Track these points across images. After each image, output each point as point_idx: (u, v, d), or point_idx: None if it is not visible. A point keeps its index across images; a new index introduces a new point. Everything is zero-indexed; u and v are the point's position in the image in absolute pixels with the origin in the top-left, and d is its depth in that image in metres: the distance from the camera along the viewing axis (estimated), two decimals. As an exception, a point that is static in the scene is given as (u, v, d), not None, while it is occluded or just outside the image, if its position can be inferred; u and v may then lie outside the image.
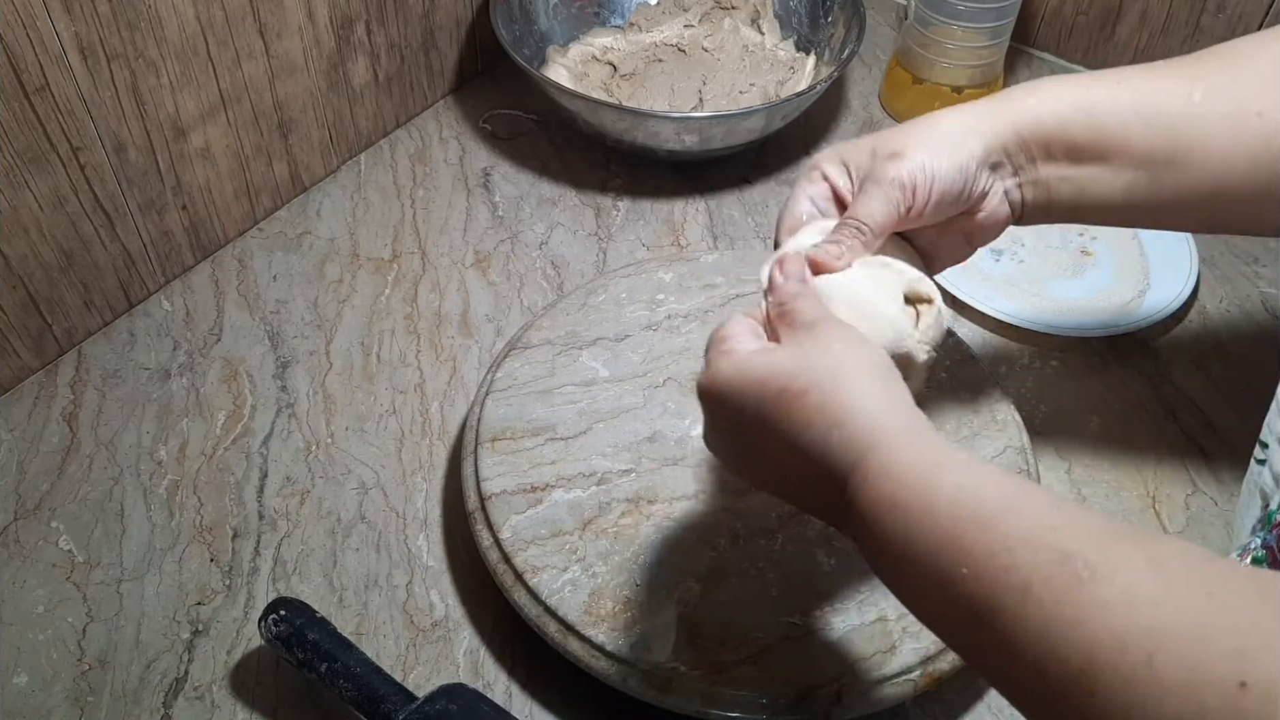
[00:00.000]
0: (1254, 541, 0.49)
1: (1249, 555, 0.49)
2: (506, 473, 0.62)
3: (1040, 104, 0.54)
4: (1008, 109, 0.54)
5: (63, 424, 0.71)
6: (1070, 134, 0.53)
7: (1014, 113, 0.54)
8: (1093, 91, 0.54)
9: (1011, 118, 0.54)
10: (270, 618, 0.56)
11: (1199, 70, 0.54)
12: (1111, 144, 0.53)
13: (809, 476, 0.43)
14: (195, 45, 0.73)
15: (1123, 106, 0.53)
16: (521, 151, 0.94)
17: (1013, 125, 0.54)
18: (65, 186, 0.70)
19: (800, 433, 0.43)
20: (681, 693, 0.54)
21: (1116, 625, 0.32)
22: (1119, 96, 0.54)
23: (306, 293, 0.81)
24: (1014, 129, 0.54)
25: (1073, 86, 0.55)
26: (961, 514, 0.38)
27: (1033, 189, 0.55)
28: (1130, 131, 0.53)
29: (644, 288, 0.73)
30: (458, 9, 0.94)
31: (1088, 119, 0.53)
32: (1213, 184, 0.53)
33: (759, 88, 0.95)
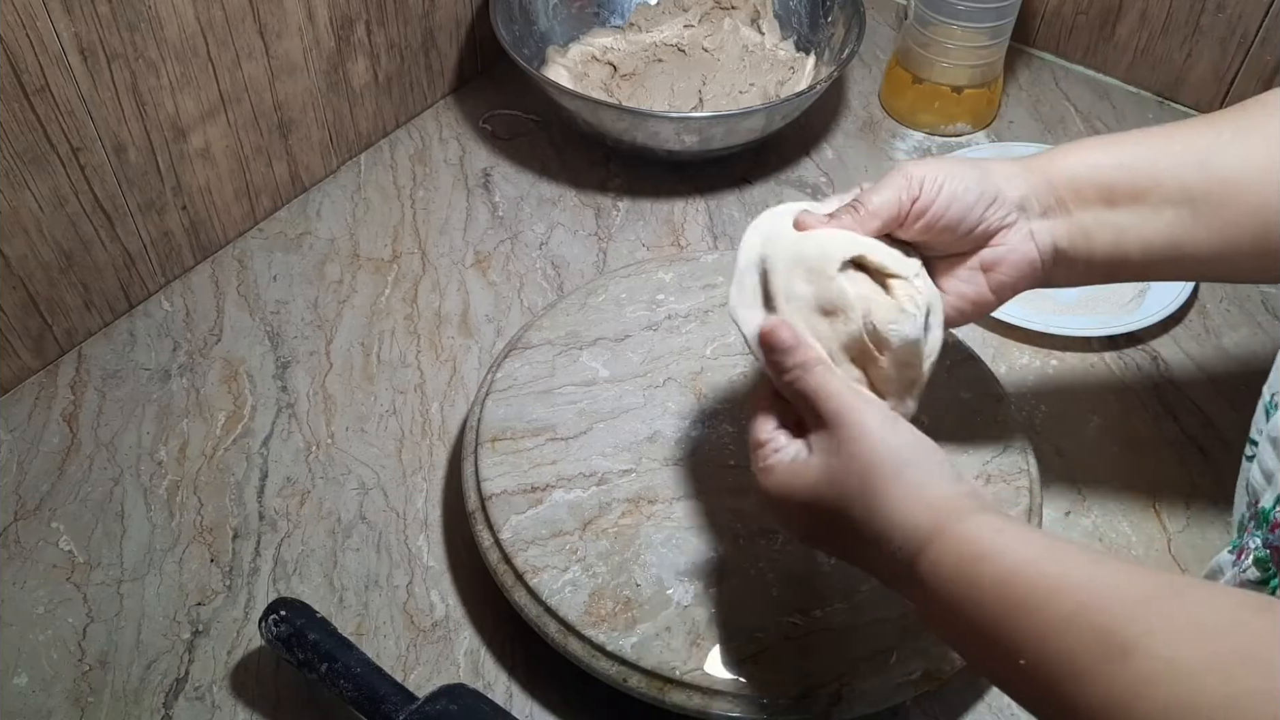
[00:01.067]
0: (1253, 541, 0.49)
1: (1249, 554, 0.49)
2: (507, 473, 0.62)
3: (1069, 156, 0.55)
4: (1039, 160, 0.56)
5: (63, 424, 0.71)
6: (1101, 177, 0.54)
7: (1045, 162, 0.56)
8: (1120, 143, 0.55)
9: (1042, 164, 0.55)
10: (270, 618, 0.56)
11: (1222, 120, 0.55)
12: (1144, 182, 0.54)
13: (873, 569, 0.48)
14: (195, 45, 0.73)
15: (1152, 148, 0.54)
16: (521, 151, 0.94)
17: (1043, 171, 0.55)
18: (65, 187, 0.70)
19: (852, 543, 0.48)
20: (681, 693, 0.54)
21: (1159, 701, 0.34)
22: (1146, 142, 0.55)
23: (306, 293, 0.81)
24: (1044, 174, 0.55)
25: (1099, 144, 0.56)
26: (1007, 606, 0.40)
27: (1068, 234, 0.55)
28: (1161, 169, 0.54)
29: (644, 288, 0.73)
30: (458, 9, 0.94)
31: (1117, 161, 0.54)
32: (1257, 218, 0.53)
33: (759, 88, 0.95)
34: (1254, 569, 0.49)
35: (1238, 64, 0.95)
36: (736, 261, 0.54)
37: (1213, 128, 0.54)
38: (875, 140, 0.96)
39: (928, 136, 0.96)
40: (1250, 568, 0.49)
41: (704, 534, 0.60)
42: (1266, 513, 0.49)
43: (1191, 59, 0.97)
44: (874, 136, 0.96)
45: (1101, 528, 0.68)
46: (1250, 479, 0.50)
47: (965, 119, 0.96)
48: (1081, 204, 0.54)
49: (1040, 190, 0.55)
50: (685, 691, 0.54)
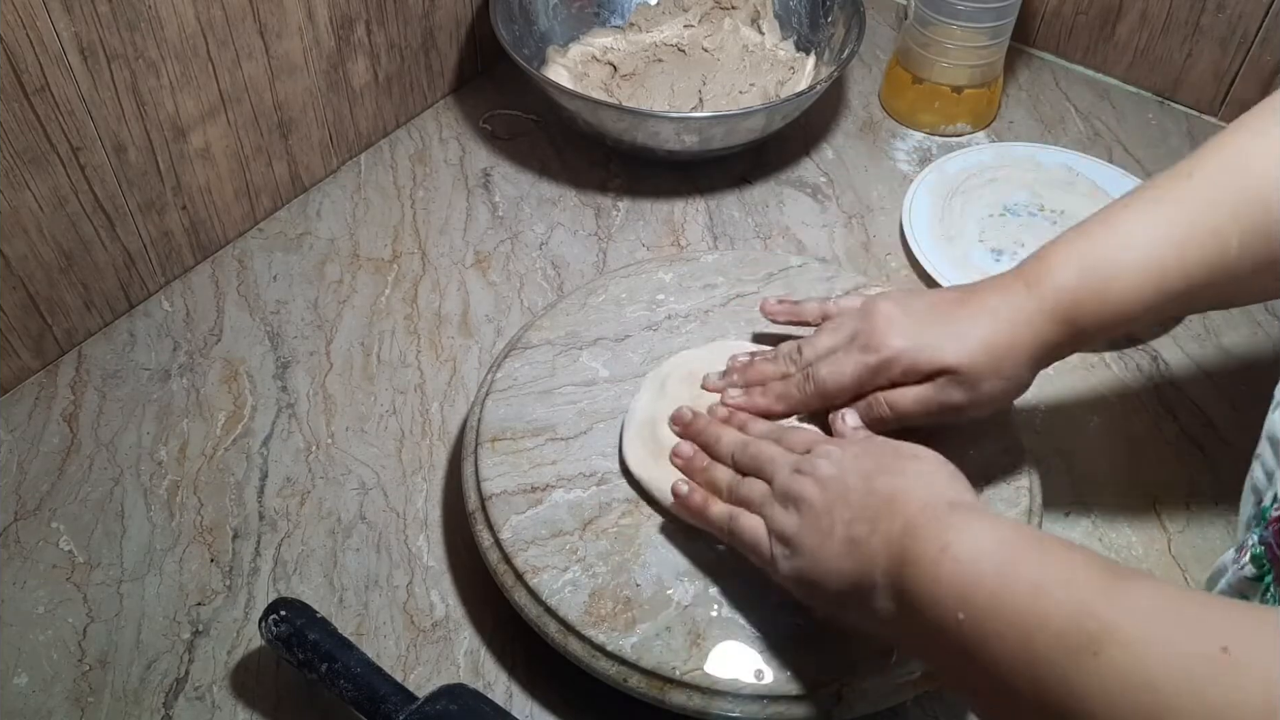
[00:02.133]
0: (1250, 538, 0.49)
1: (1247, 552, 0.49)
2: (507, 473, 0.62)
3: (1065, 273, 0.55)
4: (1041, 292, 0.55)
5: (63, 424, 0.71)
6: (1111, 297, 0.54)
7: (1049, 295, 0.55)
8: (1107, 253, 0.54)
9: (1050, 303, 0.55)
10: (270, 618, 0.56)
11: (1220, 204, 0.53)
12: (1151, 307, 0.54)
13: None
14: (195, 45, 0.73)
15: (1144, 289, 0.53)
16: (521, 151, 0.94)
17: (1052, 313, 0.55)
18: (65, 187, 0.70)
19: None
20: (681, 693, 0.54)
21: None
22: (1132, 264, 0.53)
23: (306, 293, 0.81)
24: (1053, 317, 0.55)
25: (1084, 245, 0.55)
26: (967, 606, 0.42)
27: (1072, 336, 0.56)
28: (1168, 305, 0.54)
29: (644, 288, 0.73)
30: (458, 9, 0.94)
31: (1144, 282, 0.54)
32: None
33: (759, 88, 0.95)
34: (1250, 566, 0.49)
35: (1238, 64, 0.95)
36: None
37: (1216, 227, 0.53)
38: (875, 140, 0.96)
39: (928, 136, 0.96)
40: (1247, 564, 0.49)
41: (704, 534, 0.60)
42: (1265, 511, 0.49)
43: (1191, 59, 0.97)
44: (874, 136, 0.96)
45: (1101, 528, 0.68)
46: (1254, 479, 0.50)
47: (965, 119, 0.96)
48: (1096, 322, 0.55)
49: (1060, 338, 0.55)
50: (685, 691, 0.54)
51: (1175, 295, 0.53)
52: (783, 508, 0.52)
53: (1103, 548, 0.67)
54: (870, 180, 0.92)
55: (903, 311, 0.58)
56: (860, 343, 0.58)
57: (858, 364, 0.58)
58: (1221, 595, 0.50)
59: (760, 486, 0.55)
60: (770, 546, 0.53)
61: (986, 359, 0.55)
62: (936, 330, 0.56)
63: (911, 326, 0.57)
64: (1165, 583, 0.39)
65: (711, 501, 0.57)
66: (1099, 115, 0.99)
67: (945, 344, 0.55)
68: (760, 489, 0.55)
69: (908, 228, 0.85)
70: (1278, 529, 0.47)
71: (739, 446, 0.58)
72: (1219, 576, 0.52)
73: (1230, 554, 0.51)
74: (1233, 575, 0.50)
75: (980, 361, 0.55)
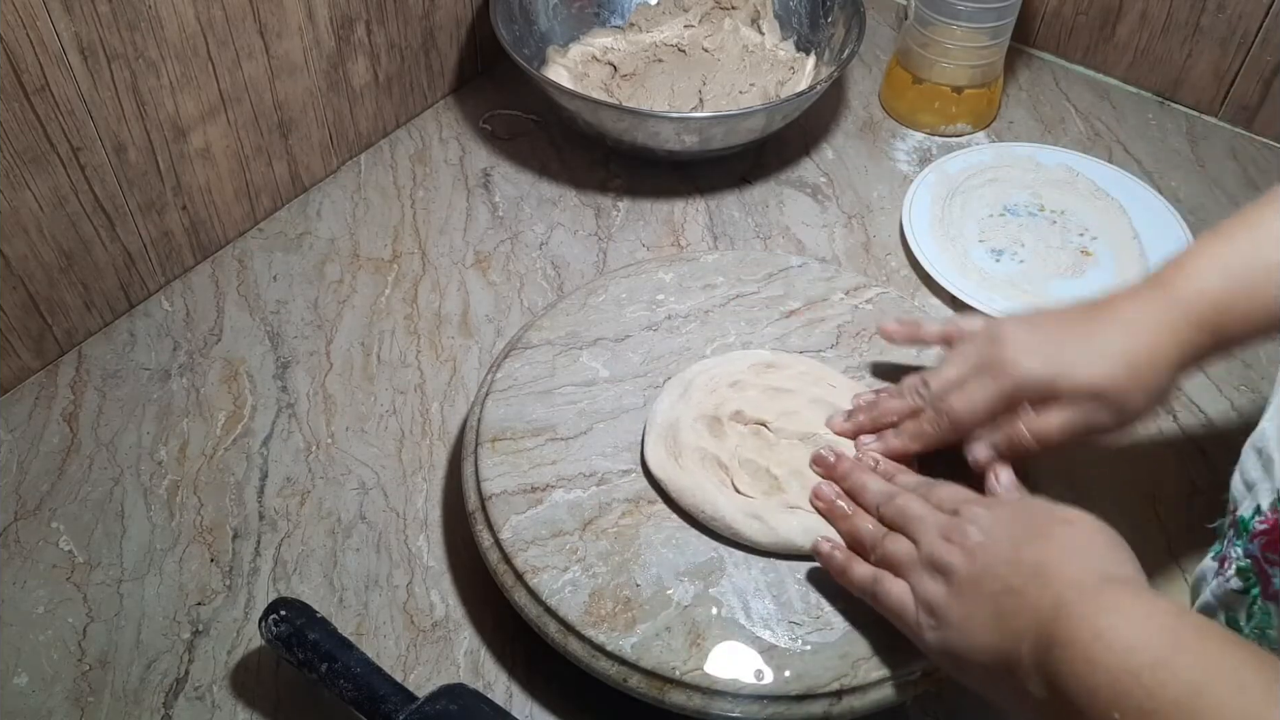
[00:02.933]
0: (1234, 550, 0.48)
1: (1231, 564, 0.49)
2: (507, 473, 0.62)
3: (1207, 277, 0.53)
4: (1181, 297, 0.53)
5: (63, 424, 0.71)
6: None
7: (1191, 300, 0.52)
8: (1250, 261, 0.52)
9: (1193, 308, 0.52)
10: (270, 618, 0.56)
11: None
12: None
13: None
14: (195, 45, 0.73)
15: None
16: (521, 151, 0.94)
17: (1197, 320, 0.52)
18: (65, 187, 0.70)
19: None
20: (681, 693, 0.54)
21: None
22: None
23: (306, 293, 0.81)
24: (1197, 323, 0.52)
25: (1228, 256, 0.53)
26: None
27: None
28: None
29: (644, 288, 0.73)
30: (458, 9, 0.94)
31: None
32: None
33: (759, 88, 0.95)
34: (1236, 579, 0.48)
35: (1238, 64, 0.95)
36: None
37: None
38: (875, 140, 0.96)
39: (928, 136, 0.96)
40: (1233, 577, 0.49)
41: (704, 534, 0.60)
42: (1245, 522, 0.48)
43: (1192, 59, 0.97)
44: (874, 136, 0.96)
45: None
46: (1233, 485, 0.50)
47: (965, 119, 0.96)
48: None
49: (1203, 344, 0.53)
50: (685, 691, 0.54)
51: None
52: (930, 575, 0.50)
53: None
54: (870, 180, 0.92)
55: (1030, 331, 0.55)
56: (991, 370, 0.55)
57: (990, 392, 0.55)
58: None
59: (906, 547, 0.52)
60: (916, 615, 0.50)
61: (1129, 374, 0.52)
62: (1071, 348, 0.53)
63: (1043, 346, 0.54)
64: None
65: (855, 563, 0.54)
66: (1099, 115, 0.99)
67: (1082, 362, 0.53)
68: (906, 550, 0.52)
69: (908, 228, 0.85)
70: (1263, 542, 0.46)
71: (885, 498, 0.55)
72: (1200, 584, 0.51)
73: (1210, 563, 0.50)
74: (1217, 587, 0.49)
75: (1122, 377, 0.52)
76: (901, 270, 0.84)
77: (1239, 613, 0.48)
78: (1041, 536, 0.48)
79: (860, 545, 0.55)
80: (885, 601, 0.52)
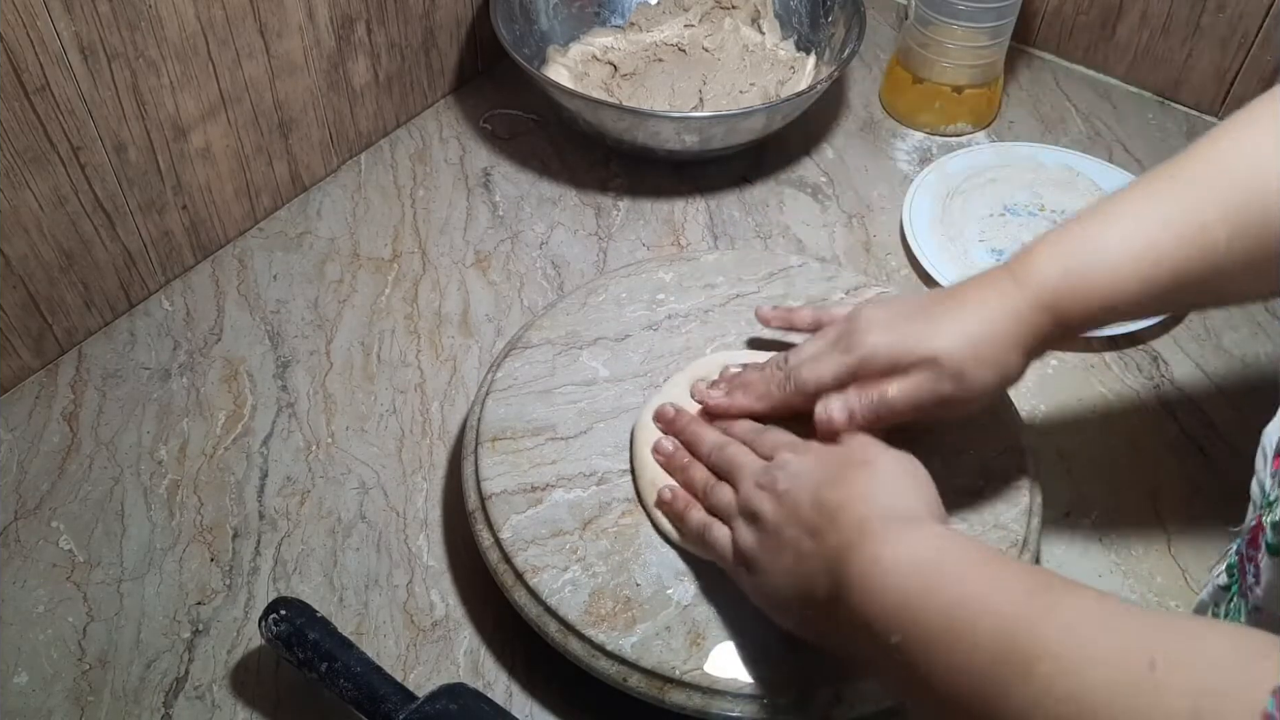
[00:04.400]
0: (1231, 547, 0.49)
1: (1224, 560, 0.49)
2: (507, 472, 0.62)
3: (1049, 263, 0.54)
4: (1023, 280, 0.54)
5: (63, 424, 0.71)
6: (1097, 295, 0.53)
7: (1031, 284, 0.54)
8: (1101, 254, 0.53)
9: (1032, 291, 0.54)
10: (270, 617, 0.56)
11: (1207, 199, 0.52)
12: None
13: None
14: (195, 45, 0.73)
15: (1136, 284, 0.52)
16: (521, 151, 0.94)
17: (1035, 301, 0.54)
18: (65, 186, 0.70)
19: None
20: (681, 693, 0.54)
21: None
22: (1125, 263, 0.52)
23: (307, 292, 0.81)
24: (1036, 305, 0.54)
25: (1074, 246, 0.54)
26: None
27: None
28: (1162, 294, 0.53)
29: (644, 288, 0.73)
30: (458, 9, 0.94)
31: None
32: None
33: (759, 87, 0.95)
34: (1224, 575, 0.49)
35: (1238, 64, 0.95)
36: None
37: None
38: (875, 140, 0.96)
39: (928, 136, 0.96)
40: (1221, 573, 0.49)
41: (704, 534, 0.60)
42: (1249, 524, 0.48)
43: (1192, 59, 0.97)
44: (874, 136, 0.96)
45: (1101, 528, 0.68)
46: (1251, 491, 0.50)
47: (965, 119, 0.96)
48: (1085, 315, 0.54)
49: (1048, 331, 0.54)
50: (685, 691, 0.54)
51: (1162, 288, 0.52)
52: (746, 522, 0.53)
53: (1103, 548, 0.67)
54: (870, 180, 0.92)
55: (885, 311, 0.58)
56: (842, 344, 0.58)
57: (838, 364, 0.58)
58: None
59: (729, 495, 0.55)
60: (734, 562, 0.53)
61: (966, 346, 0.54)
62: (917, 326, 0.56)
63: (892, 323, 0.57)
64: (1099, 596, 0.39)
65: (692, 508, 0.57)
66: (1099, 115, 0.99)
67: (924, 336, 0.55)
68: (728, 498, 0.55)
69: (908, 227, 0.85)
70: (1250, 539, 0.46)
71: (716, 447, 0.58)
72: (1206, 584, 0.52)
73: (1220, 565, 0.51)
74: (1210, 583, 0.50)
75: (960, 349, 0.54)
76: (902, 270, 0.84)
77: (1221, 607, 0.49)
78: (840, 480, 0.50)
79: (692, 490, 0.58)
80: (712, 547, 0.55)
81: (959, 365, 0.54)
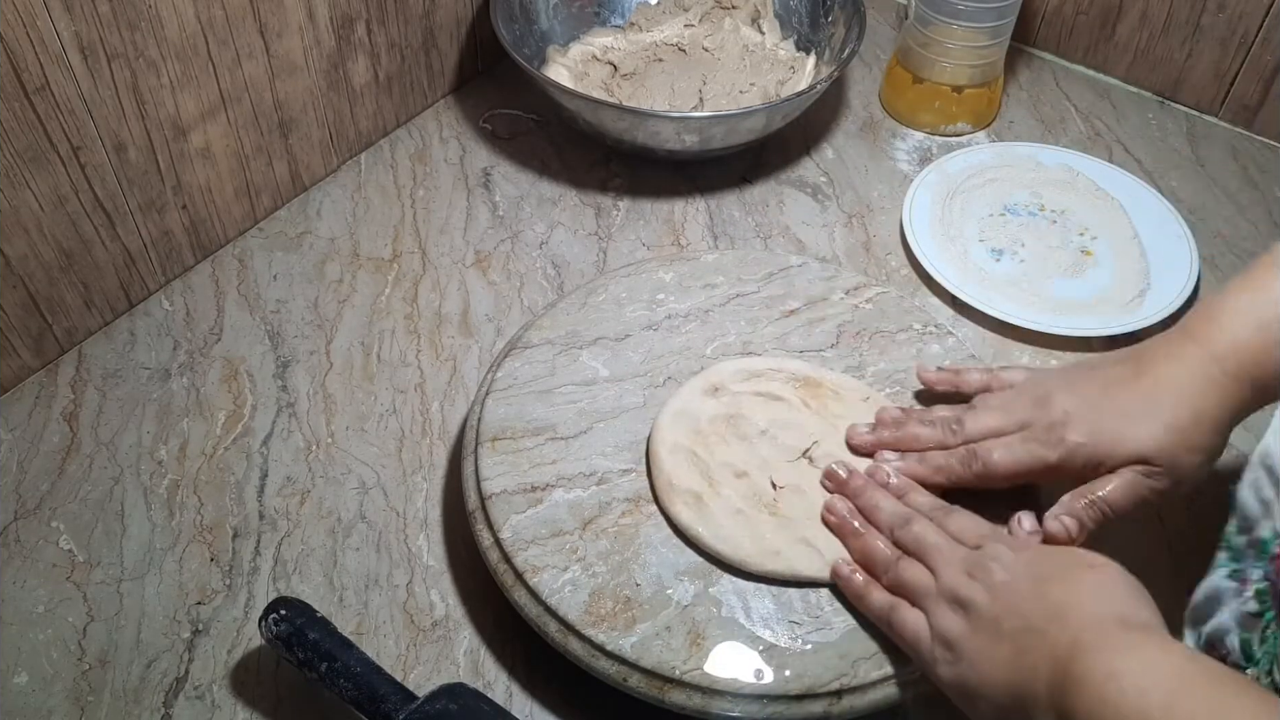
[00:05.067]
0: (1254, 571, 0.48)
1: (1250, 586, 0.48)
2: (507, 472, 0.62)
3: (1239, 328, 0.52)
4: (1216, 352, 0.52)
5: (63, 424, 0.71)
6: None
7: (1227, 354, 0.52)
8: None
9: (1230, 363, 0.52)
10: (270, 617, 0.56)
11: None
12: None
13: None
14: (195, 45, 0.73)
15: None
16: (522, 151, 0.94)
17: (1234, 374, 0.52)
18: (65, 186, 0.70)
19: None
20: (681, 693, 0.54)
21: None
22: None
23: (306, 292, 0.81)
24: (1236, 377, 0.52)
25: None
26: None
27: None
28: None
29: (644, 287, 0.73)
30: (458, 9, 0.94)
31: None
32: None
33: (759, 87, 0.95)
34: (1254, 601, 0.48)
35: (1238, 64, 0.95)
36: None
37: None
38: (875, 140, 0.96)
39: (928, 136, 0.96)
40: (1250, 599, 0.48)
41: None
42: (1266, 544, 0.47)
43: (1192, 59, 0.97)
44: (874, 136, 0.96)
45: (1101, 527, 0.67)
46: (1243, 501, 0.49)
47: (965, 119, 0.96)
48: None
49: (1250, 402, 0.53)
50: (685, 691, 0.54)
51: None
52: (949, 608, 0.50)
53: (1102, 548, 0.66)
54: (870, 180, 0.92)
55: (1075, 398, 0.56)
56: (1037, 435, 0.56)
57: (1035, 456, 0.55)
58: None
59: (924, 577, 0.52)
60: (932, 647, 0.51)
61: (1175, 439, 0.52)
62: (1116, 418, 0.54)
63: (1089, 415, 0.55)
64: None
65: (873, 588, 0.55)
66: (1099, 115, 0.99)
67: (1127, 433, 0.53)
68: (924, 580, 0.52)
69: (908, 227, 0.85)
70: (1278, 567, 0.46)
71: (900, 521, 0.56)
72: (1214, 603, 0.50)
73: (1227, 582, 0.49)
74: (1235, 609, 0.49)
75: (1167, 443, 0.52)
76: (901, 270, 0.84)
77: (1253, 635, 0.48)
78: (1065, 579, 0.48)
79: (871, 565, 0.56)
80: (900, 630, 0.52)
81: (1171, 460, 0.53)
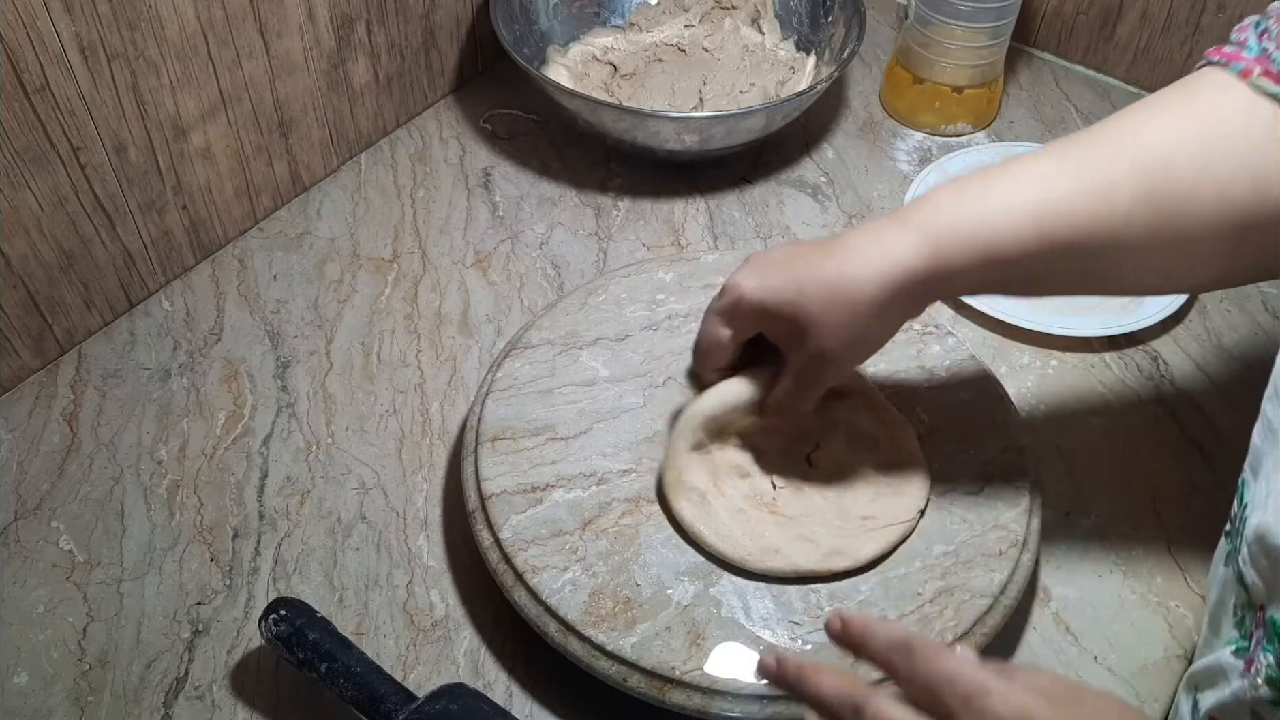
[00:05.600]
0: (1264, 656, 0.45)
1: (1260, 671, 0.45)
2: (507, 473, 0.62)
3: (941, 204, 0.53)
4: (910, 219, 0.53)
5: (63, 424, 0.71)
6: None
7: (915, 219, 0.53)
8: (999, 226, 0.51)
9: (915, 225, 0.53)
10: (270, 617, 0.56)
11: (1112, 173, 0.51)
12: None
13: None
14: (195, 45, 0.73)
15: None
16: (521, 151, 0.94)
17: (918, 233, 0.53)
18: (65, 186, 0.70)
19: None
20: (681, 693, 0.54)
21: None
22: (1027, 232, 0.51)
23: (307, 293, 0.81)
24: (918, 237, 0.52)
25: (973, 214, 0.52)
26: None
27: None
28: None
29: (644, 288, 0.73)
30: (458, 9, 0.94)
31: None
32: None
33: (759, 87, 0.95)
34: (1266, 688, 0.45)
35: (1238, 64, 0.94)
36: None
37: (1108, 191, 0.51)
38: (875, 140, 0.96)
39: (928, 136, 0.96)
40: (1263, 686, 0.45)
41: (704, 534, 0.60)
42: (1277, 625, 0.45)
43: (1192, 59, 0.96)
44: (874, 136, 0.96)
45: (1101, 528, 0.68)
46: (1242, 573, 0.46)
47: (965, 119, 0.96)
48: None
49: (936, 289, 0.54)
50: (685, 691, 0.54)
51: (1059, 245, 0.51)
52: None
53: (1103, 548, 0.67)
54: (870, 180, 0.92)
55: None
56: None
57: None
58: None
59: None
60: None
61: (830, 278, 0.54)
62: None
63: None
64: None
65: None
66: (1099, 115, 0.98)
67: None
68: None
69: (908, 228, 0.85)
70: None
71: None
72: (1216, 679, 0.48)
73: (1231, 658, 0.47)
74: (1243, 690, 0.46)
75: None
76: (901, 270, 0.84)
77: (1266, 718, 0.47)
78: (1076, 701, 0.42)
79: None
80: None
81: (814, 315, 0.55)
